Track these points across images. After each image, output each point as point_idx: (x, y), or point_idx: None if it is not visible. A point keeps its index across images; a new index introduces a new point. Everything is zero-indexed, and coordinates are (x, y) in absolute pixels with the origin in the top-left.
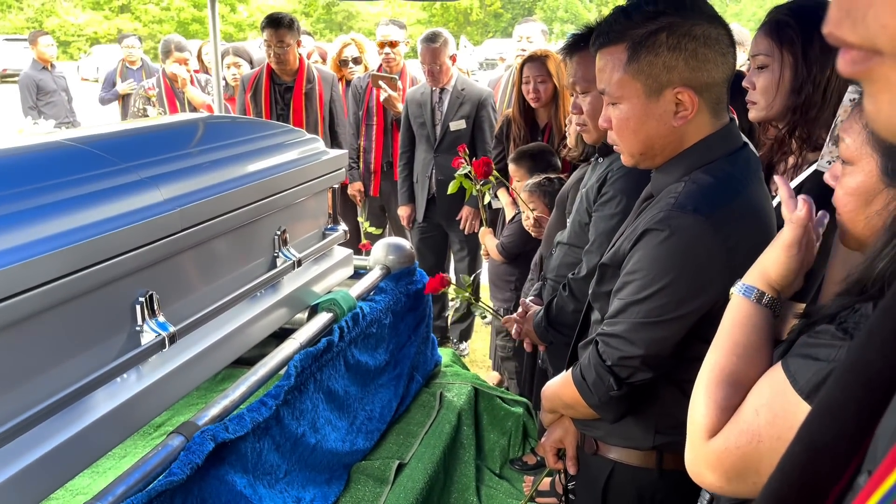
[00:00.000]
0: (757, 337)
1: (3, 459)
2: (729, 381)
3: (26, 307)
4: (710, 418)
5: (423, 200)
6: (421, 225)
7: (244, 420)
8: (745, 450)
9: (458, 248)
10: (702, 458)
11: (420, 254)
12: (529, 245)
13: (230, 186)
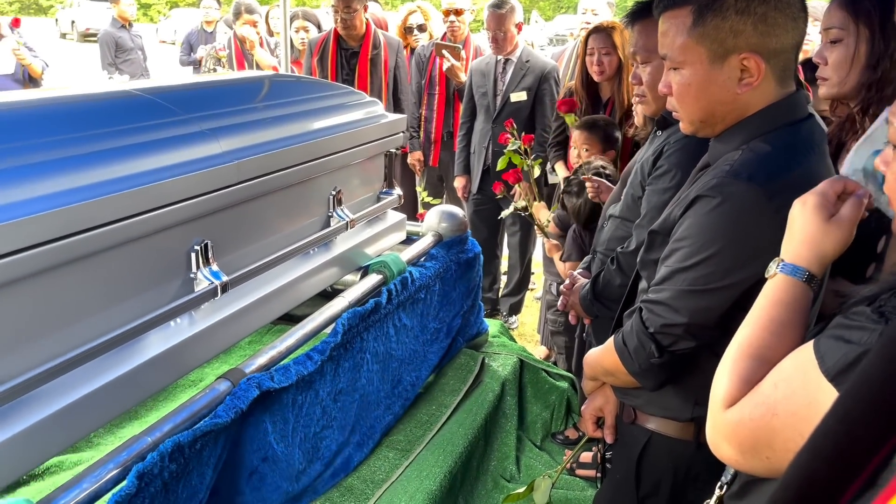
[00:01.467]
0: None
1: (63, 389)
2: (756, 355)
3: (89, 245)
4: (730, 389)
5: (479, 171)
6: (476, 196)
7: (289, 372)
8: (759, 423)
9: (510, 221)
10: (718, 428)
11: (473, 225)
12: None
13: (288, 143)
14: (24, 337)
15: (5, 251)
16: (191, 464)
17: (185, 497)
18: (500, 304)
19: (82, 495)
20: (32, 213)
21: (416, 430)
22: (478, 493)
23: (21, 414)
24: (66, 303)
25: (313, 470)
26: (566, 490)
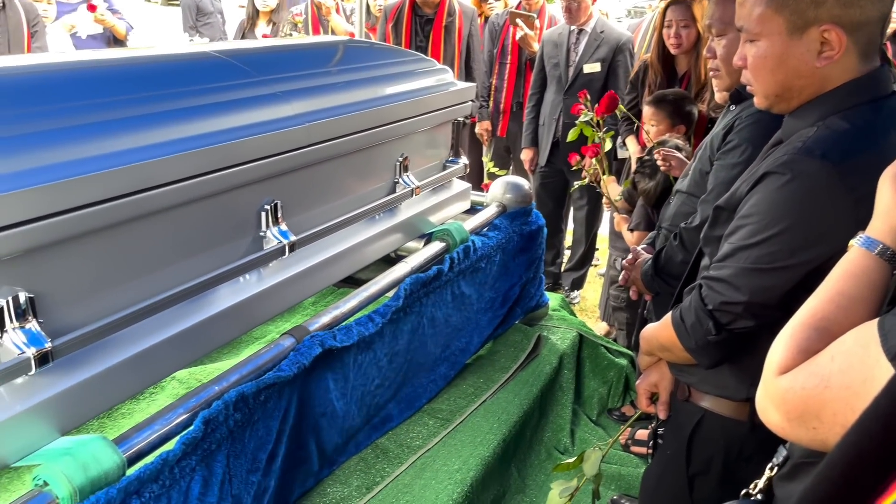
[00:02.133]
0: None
1: (140, 335)
2: (818, 326)
3: (167, 200)
4: (785, 357)
5: (548, 144)
6: (543, 169)
7: (351, 332)
8: (811, 392)
9: (577, 195)
10: (769, 393)
11: (539, 198)
12: None
13: (357, 108)
14: (105, 284)
15: (91, 201)
16: (256, 414)
17: (254, 447)
18: (563, 278)
19: (154, 436)
20: (115, 166)
21: (459, 400)
22: (530, 463)
23: (100, 357)
24: (144, 254)
25: (365, 426)
26: (619, 465)
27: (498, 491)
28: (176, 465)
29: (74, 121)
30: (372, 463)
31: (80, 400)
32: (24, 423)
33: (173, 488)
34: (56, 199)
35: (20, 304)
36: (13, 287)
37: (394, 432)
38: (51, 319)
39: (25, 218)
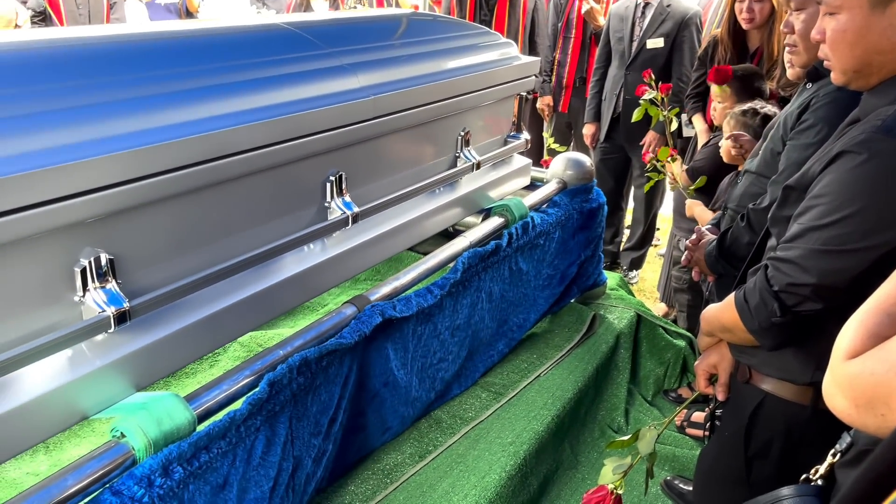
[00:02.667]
0: None
1: (209, 298)
2: (890, 311)
3: (235, 169)
4: (855, 341)
5: (608, 119)
6: (603, 145)
7: (411, 303)
8: (881, 378)
9: (638, 173)
10: (836, 378)
11: (599, 175)
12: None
13: (422, 81)
14: (179, 249)
15: (167, 168)
16: (318, 379)
17: (316, 411)
18: (621, 257)
19: (221, 395)
20: (190, 134)
21: (513, 375)
22: (583, 440)
23: (173, 318)
24: (215, 221)
25: (425, 397)
26: (674, 447)
27: (551, 465)
28: (242, 423)
29: (151, 90)
30: (425, 432)
31: (154, 358)
32: (102, 378)
33: (239, 446)
34: (135, 166)
35: (101, 265)
36: (95, 248)
37: (447, 403)
38: (128, 281)
39: (108, 182)
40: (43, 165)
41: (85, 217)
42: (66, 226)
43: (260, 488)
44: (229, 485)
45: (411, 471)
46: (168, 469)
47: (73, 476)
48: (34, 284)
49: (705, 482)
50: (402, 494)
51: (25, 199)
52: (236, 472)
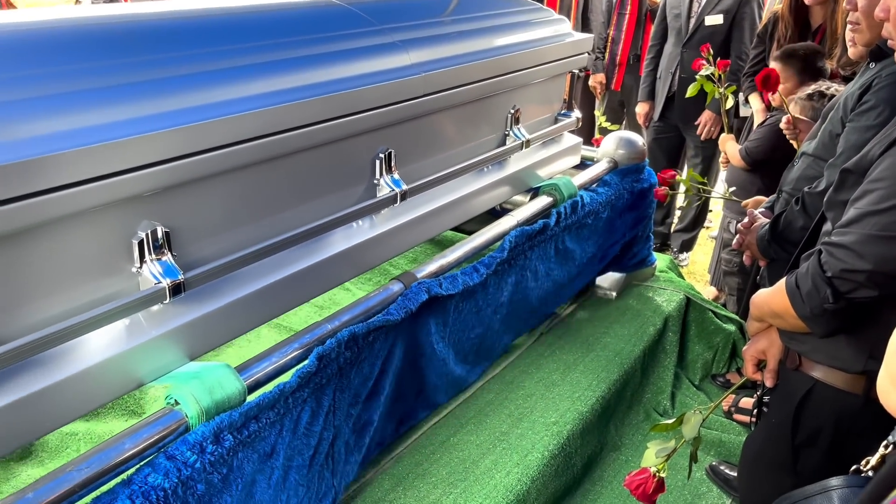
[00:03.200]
0: None
1: (260, 272)
2: None
3: (286, 145)
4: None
5: (663, 98)
6: (657, 124)
7: (456, 281)
8: None
9: (692, 153)
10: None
11: (652, 154)
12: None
13: (473, 58)
14: (231, 223)
15: (221, 143)
16: (363, 353)
17: (358, 383)
18: (672, 239)
19: (271, 367)
20: (244, 111)
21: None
22: (628, 422)
23: (226, 291)
24: (266, 196)
25: (464, 371)
26: (721, 432)
27: (595, 447)
28: (291, 395)
29: (207, 66)
30: (467, 408)
31: (207, 329)
32: (158, 347)
33: (286, 416)
34: (192, 141)
35: (157, 237)
36: (152, 221)
37: (490, 381)
38: (183, 254)
39: (165, 157)
40: (105, 140)
41: (143, 190)
42: (125, 199)
43: (302, 456)
44: (276, 453)
45: (454, 446)
46: (219, 437)
47: (131, 440)
48: (95, 255)
49: (751, 469)
50: (444, 469)
51: (88, 173)
52: (282, 441)
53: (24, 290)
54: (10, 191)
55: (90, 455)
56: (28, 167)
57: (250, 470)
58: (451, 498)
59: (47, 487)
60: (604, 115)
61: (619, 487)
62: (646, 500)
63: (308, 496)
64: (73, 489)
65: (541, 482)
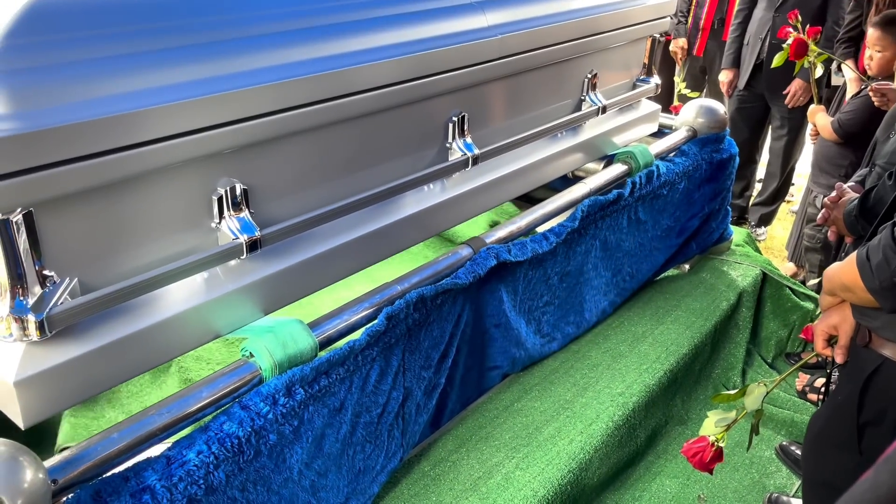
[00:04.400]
0: None
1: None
2: None
3: (363, 106)
4: None
5: (750, 65)
6: (741, 93)
7: (526, 248)
8: None
9: (777, 124)
10: None
11: (734, 124)
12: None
13: (551, 20)
14: (307, 183)
15: (299, 103)
16: (431, 315)
17: (427, 346)
18: (750, 212)
19: (342, 325)
20: (320, 71)
21: (625, 325)
22: (696, 397)
23: (300, 249)
24: (341, 157)
25: (534, 340)
26: (793, 411)
27: (660, 419)
28: (360, 353)
29: (286, 27)
30: (532, 376)
31: (281, 285)
32: (234, 301)
33: (355, 373)
34: (272, 100)
35: (236, 194)
36: (231, 178)
37: (557, 350)
38: (260, 211)
39: (246, 115)
40: (190, 97)
41: (224, 147)
42: (207, 155)
43: (369, 413)
44: (344, 409)
45: (518, 412)
46: (291, 390)
47: (207, 389)
48: (178, 210)
49: (814, 445)
50: (507, 433)
51: (174, 129)
52: (351, 398)
53: (113, 241)
54: (102, 144)
55: (171, 401)
56: (118, 122)
57: (320, 423)
58: (514, 462)
59: (131, 429)
60: (684, 82)
61: (682, 462)
62: (702, 467)
63: (376, 453)
64: (155, 431)
65: (603, 452)
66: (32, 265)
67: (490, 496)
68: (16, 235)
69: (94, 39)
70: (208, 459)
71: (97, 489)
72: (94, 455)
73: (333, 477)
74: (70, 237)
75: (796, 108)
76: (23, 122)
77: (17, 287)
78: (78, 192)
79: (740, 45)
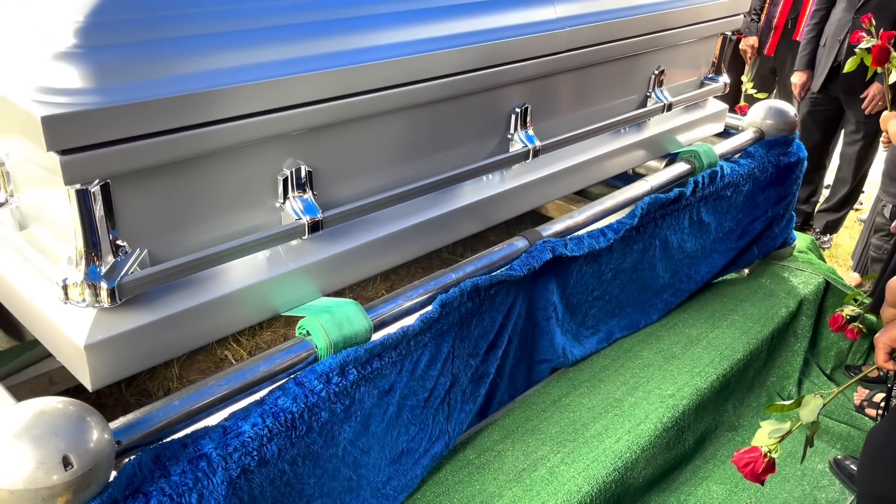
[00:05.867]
0: None
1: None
2: None
3: (428, 94)
4: None
5: (826, 68)
6: (815, 96)
7: (582, 243)
8: None
9: (852, 128)
10: None
11: (804, 127)
12: None
13: (620, 15)
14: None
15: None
16: (484, 305)
17: (477, 334)
18: (815, 219)
19: (397, 309)
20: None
21: (679, 327)
22: (748, 403)
23: (359, 233)
24: (403, 144)
25: (580, 332)
26: (850, 426)
27: (710, 424)
28: (413, 338)
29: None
30: (582, 371)
31: (339, 267)
32: (294, 280)
33: (407, 358)
34: (339, 84)
35: (301, 176)
36: (297, 160)
37: (608, 347)
38: (323, 193)
39: (316, 98)
40: (262, 78)
41: (292, 129)
42: (275, 136)
43: (416, 397)
44: (393, 391)
45: (565, 407)
46: (344, 369)
47: (265, 363)
48: (245, 188)
49: (871, 460)
50: (554, 427)
51: (245, 109)
52: (401, 381)
53: (182, 216)
54: (178, 121)
55: (229, 373)
56: (195, 100)
57: (369, 404)
58: (559, 457)
59: (191, 397)
60: (751, 82)
61: (731, 468)
62: (753, 478)
63: (420, 436)
64: (213, 402)
65: (650, 453)
66: (107, 235)
67: (533, 488)
68: (93, 206)
69: (174, 19)
70: (262, 432)
71: (157, 453)
72: (155, 420)
73: (376, 455)
74: (142, 210)
75: (873, 114)
76: (105, 96)
77: (92, 255)
78: (153, 167)
79: (816, 45)
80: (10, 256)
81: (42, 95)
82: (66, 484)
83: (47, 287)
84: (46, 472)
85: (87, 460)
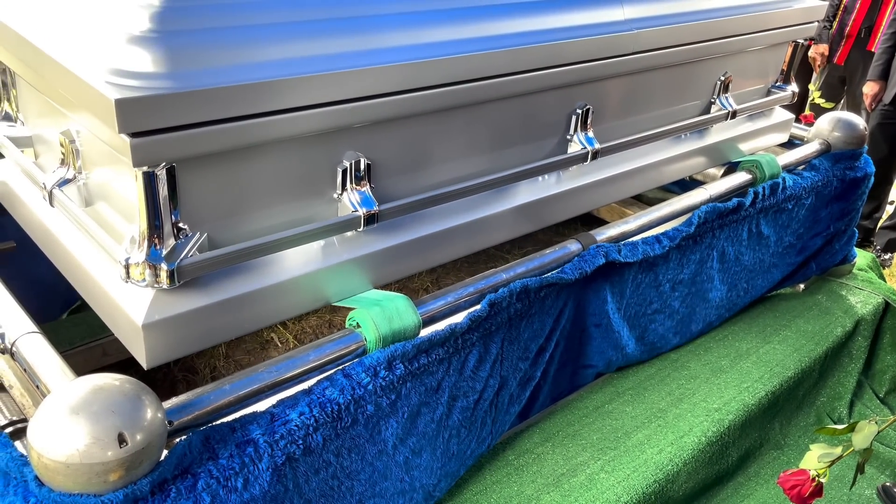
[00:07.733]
0: None
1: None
2: None
3: (488, 92)
4: None
5: None
6: (886, 108)
7: (636, 249)
8: None
9: None
10: None
11: (873, 140)
12: None
13: (689, 18)
14: (426, 163)
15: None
16: (534, 307)
17: (527, 337)
18: (877, 236)
19: (446, 306)
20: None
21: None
22: (796, 423)
23: (413, 227)
24: (461, 141)
25: (634, 346)
26: None
27: (755, 441)
28: (461, 336)
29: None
30: (627, 380)
31: (392, 261)
32: (347, 271)
33: (454, 356)
34: (402, 79)
35: (360, 168)
36: (356, 153)
37: (655, 358)
38: (380, 186)
39: (377, 92)
40: (328, 70)
41: (354, 122)
42: (337, 128)
43: (466, 399)
44: (441, 390)
45: (608, 413)
46: (392, 364)
47: (315, 353)
48: (304, 178)
49: None
50: (595, 434)
51: (310, 99)
52: (448, 380)
53: (241, 202)
54: (244, 109)
55: (279, 360)
56: (262, 89)
57: (416, 401)
58: (599, 464)
59: (241, 382)
60: (818, 91)
61: (774, 488)
62: (799, 501)
63: (469, 438)
64: (263, 388)
65: (692, 466)
66: (170, 217)
67: (572, 494)
68: (158, 188)
69: (247, 7)
70: (309, 421)
71: (207, 435)
72: (206, 403)
73: (428, 457)
74: (204, 194)
75: None
76: (177, 81)
77: (154, 237)
78: (216, 153)
79: (891, 56)
80: (76, 232)
81: (116, 78)
82: (121, 461)
83: (109, 265)
84: (102, 448)
85: (142, 438)
